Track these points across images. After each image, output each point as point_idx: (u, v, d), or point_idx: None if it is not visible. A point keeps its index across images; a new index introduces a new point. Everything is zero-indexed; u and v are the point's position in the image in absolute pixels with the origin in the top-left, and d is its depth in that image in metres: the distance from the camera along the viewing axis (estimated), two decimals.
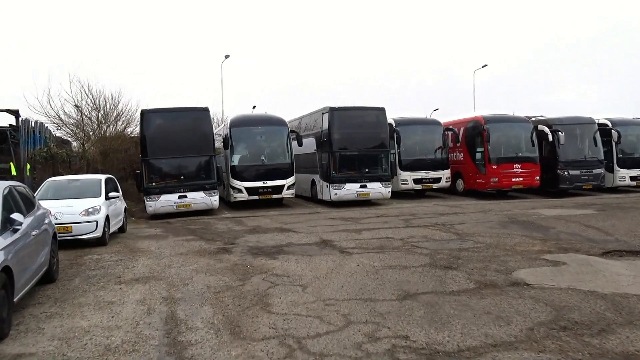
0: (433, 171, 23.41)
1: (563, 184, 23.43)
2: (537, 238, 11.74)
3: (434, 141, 23.99)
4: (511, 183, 22.82)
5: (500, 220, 14.97)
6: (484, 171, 22.73)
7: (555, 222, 14.31)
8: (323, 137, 21.19)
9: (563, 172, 23.26)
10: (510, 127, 23.58)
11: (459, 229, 13.35)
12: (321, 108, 21.87)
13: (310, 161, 22.61)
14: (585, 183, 23.59)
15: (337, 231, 13.66)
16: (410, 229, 13.73)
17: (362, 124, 21.61)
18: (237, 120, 21.38)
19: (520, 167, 22.80)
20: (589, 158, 23.81)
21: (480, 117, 23.42)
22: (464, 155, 24.21)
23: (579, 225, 13.59)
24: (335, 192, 20.53)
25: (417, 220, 15.44)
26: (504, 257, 9.63)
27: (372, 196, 21.09)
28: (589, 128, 24.24)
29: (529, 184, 23.01)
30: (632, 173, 24.73)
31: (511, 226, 13.71)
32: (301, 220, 16.44)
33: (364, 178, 20.92)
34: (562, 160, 23.27)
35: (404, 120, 24.27)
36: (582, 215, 15.65)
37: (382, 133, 21.45)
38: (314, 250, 11.03)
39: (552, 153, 23.53)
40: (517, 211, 17.27)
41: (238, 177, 20.10)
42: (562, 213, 16.50)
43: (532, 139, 23.10)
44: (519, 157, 22.98)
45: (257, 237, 12.98)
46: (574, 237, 11.89)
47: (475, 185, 23.43)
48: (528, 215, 16.18)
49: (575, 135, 23.96)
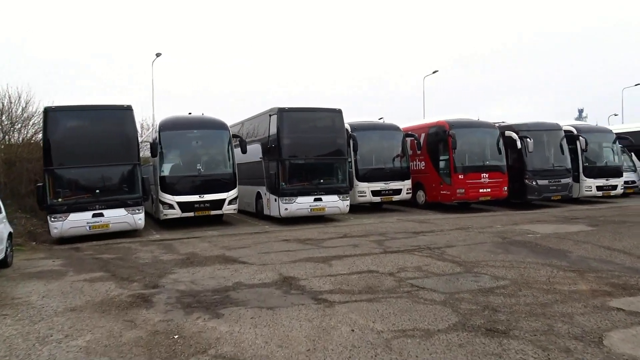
0: (393, 182, 20.19)
1: (531, 195, 20.79)
2: (566, 269, 8.65)
3: (393, 148, 20.77)
4: (478, 194, 19.95)
5: (495, 242, 11.87)
6: (449, 181, 19.75)
7: (562, 242, 11.35)
8: (271, 143, 17.57)
9: (531, 182, 20.62)
10: (476, 132, 20.70)
11: (455, 256, 10.11)
12: (268, 109, 18.25)
13: (256, 171, 18.88)
14: (553, 194, 21.04)
15: (299, 261, 10.08)
16: (391, 255, 10.35)
17: (316, 128, 18.16)
18: (168, 122, 17.34)
19: (487, 176, 19.95)
20: (557, 167, 21.27)
21: (444, 122, 20.44)
22: (426, 164, 21.15)
23: (597, 248, 10.67)
24: (285, 207, 16.93)
25: (393, 243, 12.12)
26: (557, 306, 6.38)
27: (327, 211, 17.58)
28: (555, 135, 21.75)
29: (496, 195, 20.21)
30: (598, 182, 22.43)
31: (515, 250, 10.62)
32: (248, 244, 12.73)
33: (318, 190, 17.38)
34: (530, 169, 20.60)
35: (361, 124, 20.96)
36: (582, 233, 12.83)
37: (339, 138, 18.04)
38: (276, 296, 7.38)
39: (519, 161, 20.83)
40: (501, 228, 14.31)
41: (169, 190, 16.08)
42: (557, 230, 13.62)
43: (499, 146, 20.33)
44: (486, 166, 20.07)
45: (191, 273, 9.13)
46: (608, 265, 8.90)
47: (439, 197, 20.40)
48: (519, 233, 13.19)
49: (543, 143, 21.39)
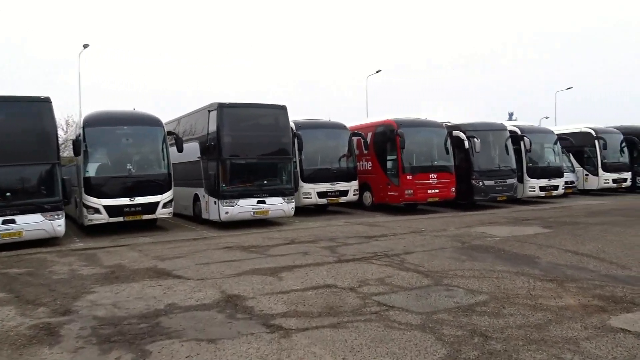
0: (340, 183, 19.02)
1: (478, 196, 20.20)
2: (542, 278, 7.67)
3: (339, 148, 19.58)
4: (427, 195, 19.10)
5: (455, 247, 10.88)
6: (397, 182, 18.81)
7: (525, 247, 10.44)
8: (210, 141, 16.00)
9: (478, 183, 20.03)
10: (424, 132, 19.86)
11: (417, 264, 8.96)
12: (207, 105, 16.61)
13: (193, 171, 17.23)
14: (499, 194, 20.52)
15: (244, 273, 8.64)
16: (347, 265, 9.11)
17: (258, 125, 16.71)
18: (94, 117, 15.28)
19: (436, 177, 19.14)
20: (503, 167, 20.76)
21: (392, 121, 19.47)
22: (373, 164, 20.13)
23: (563, 252, 9.84)
24: (226, 211, 15.40)
25: (347, 250, 10.91)
26: (555, 329, 5.34)
27: (272, 214, 16.16)
28: (501, 135, 21.24)
29: (445, 196, 19.44)
30: (541, 183, 22.16)
31: (480, 256, 9.62)
32: (185, 253, 11.15)
33: (262, 192, 15.94)
34: (477, 170, 20.04)
35: (306, 123, 19.67)
36: (541, 236, 12.08)
37: (284, 137, 16.70)
38: (218, 323, 5.93)
39: (466, 162, 20.24)
40: (456, 231, 13.42)
41: (94, 193, 14.13)
42: (513, 233, 12.82)
43: (446, 146, 19.60)
44: (434, 166, 19.27)
45: (115, 292, 7.52)
46: (583, 272, 8.01)
47: (387, 198, 19.43)
48: (476, 236, 12.29)
49: (489, 143, 20.82)
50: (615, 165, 25.73)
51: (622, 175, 25.88)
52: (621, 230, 12.61)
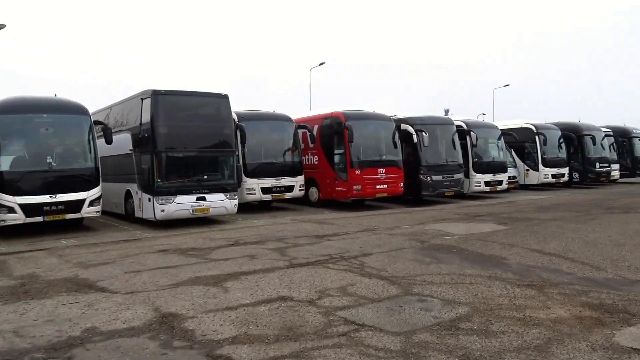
0: (285, 178, 17.83)
1: (426, 191, 19.54)
2: (519, 283, 6.80)
3: (285, 141, 18.39)
4: (375, 191, 18.25)
5: (415, 247, 9.95)
6: (345, 177, 17.82)
7: (488, 246, 9.66)
8: (143, 132, 14.36)
9: (426, 178, 19.41)
10: (373, 125, 18.95)
11: (379, 268, 7.91)
12: (140, 92, 14.97)
13: (125, 165, 15.49)
14: (447, 189, 19.95)
15: (182, 283, 7.30)
16: (302, 271, 7.95)
17: (198, 116, 15.20)
18: (7, 104, 13.15)
19: (384, 172, 18.36)
20: (450, 162, 20.21)
21: (340, 113, 18.45)
22: (320, 158, 19.05)
23: (529, 252, 9.07)
24: (161, 209, 13.85)
25: (298, 252, 9.75)
26: (559, 351, 4.42)
27: (213, 212, 14.75)
28: (448, 129, 20.69)
29: (393, 191, 18.66)
30: (486, 178, 21.81)
31: (444, 258, 8.70)
32: (113, 258, 9.64)
33: (202, 188, 14.45)
34: (425, 165, 19.41)
35: (249, 114, 18.32)
36: (500, 234, 11.36)
37: (226, 128, 15.26)
38: (150, 356, 4.63)
39: (413, 156, 19.59)
40: (411, 229, 12.55)
41: (8, 190, 12.14)
42: (470, 230, 12.10)
43: (395, 140, 18.84)
44: (383, 160, 18.45)
45: (20, 314, 6.01)
46: (559, 275, 7.20)
47: (334, 194, 18.42)
48: (433, 235, 11.47)
49: (436, 137, 20.19)
50: (554, 161, 25.90)
51: (560, 171, 26.10)
52: (577, 227, 12.14)
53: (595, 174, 27.47)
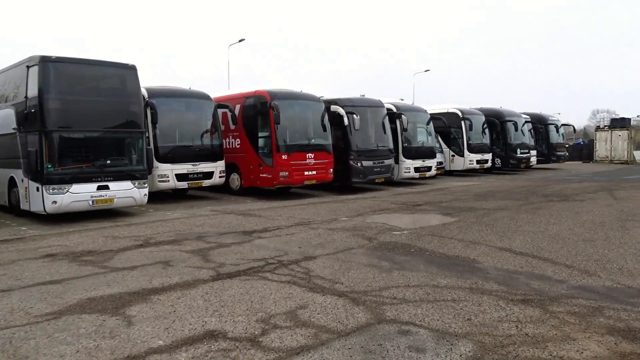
0: (203, 163, 15.60)
1: (356, 178, 18.11)
2: (511, 298, 5.34)
3: (203, 122, 16.04)
4: (304, 178, 16.51)
5: (364, 246, 8.29)
6: (271, 163, 15.94)
7: (446, 244, 8.24)
8: (29, 108, 11.57)
9: (356, 164, 18.00)
10: (301, 105, 17.13)
11: (332, 279, 6.19)
12: (26, 59, 12.22)
13: (8, 148, 12.57)
14: (378, 176, 18.63)
15: (66, 312, 5.14)
16: (232, 285, 6.03)
17: (98, 89, 12.61)
18: None
19: (313, 157, 16.69)
20: (381, 147, 18.93)
21: (265, 92, 16.44)
22: (242, 141, 16.97)
23: (497, 251, 7.68)
24: (53, 200, 11.26)
25: (225, 255, 7.72)
26: None
27: (118, 203, 12.32)
28: (379, 112, 19.31)
29: (322, 178, 17.02)
30: (415, 164, 20.79)
31: (406, 262, 7.12)
32: None
33: (104, 175, 12.00)
34: (355, 150, 17.98)
35: (161, 90, 15.80)
36: (453, 228, 9.93)
37: (133, 104, 12.76)
38: None
39: (343, 140, 18.09)
40: (350, 222, 10.91)
41: None
42: (417, 223, 10.64)
43: (324, 123, 17.19)
44: (311, 145, 16.75)
45: None
46: (551, 284, 5.82)
47: (259, 181, 16.46)
48: (379, 229, 9.87)
49: (367, 120, 18.81)
50: (479, 147, 25.41)
51: (484, 157, 25.70)
52: (530, 218, 11.07)
53: (517, 160, 27.43)
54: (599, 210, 12.14)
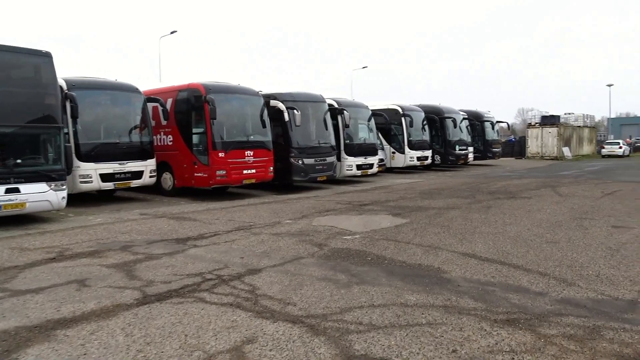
0: (132, 162, 14.00)
1: (297, 176, 17.15)
2: (495, 318, 4.58)
3: (131, 116, 14.51)
4: (242, 177, 15.37)
5: (314, 254, 7.30)
6: (207, 161, 14.65)
7: (405, 250, 7.47)
8: None
9: (297, 162, 17.06)
10: (238, 100, 15.88)
11: (282, 298, 5.20)
12: None
13: None
14: (320, 174, 17.75)
15: None
16: (162, 310, 4.91)
17: (8, 79, 10.90)
18: None
19: (252, 155, 15.62)
20: (323, 144, 18.10)
21: (199, 85, 15.10)
22: (175, 138, 15.51)
23: (462, 257, 6.96)
24: None
25: (153, 270, 6.54)
26: None
27: (31, 208, 10.63)
28: (321, 107, 18.45)
29: (262, 177, 15.94)
30: (358, 161, 20.10)
31: (362, 273, 6.23)
32: None
33: (14, 176, 10.28)
34: (296, 147, 17.05)
35: (82, 81, 14.08)
36: (408, 231, 9.16)
37: (49, 96, 11.11)
38: None
39: (283, 137, 17.09)
40: (295, 225, 9.87)
41: None
42: (369, 226, 9.73)
43: (263, 118, 16.16)
44: (251, 141, 15.65)
45: None
46: (530, 298, 5.10)
47: (193, 180, 15.11)
48: (329, 234, 8.89)
49: (308, 116, 17.92)
50: (419, 143, 25.11)
51: (424, 153, 25.43)
52: (484, 218, 10.48)
53: (455, 157, 27.42)
54: (550, 208, 11.82)
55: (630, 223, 9.74)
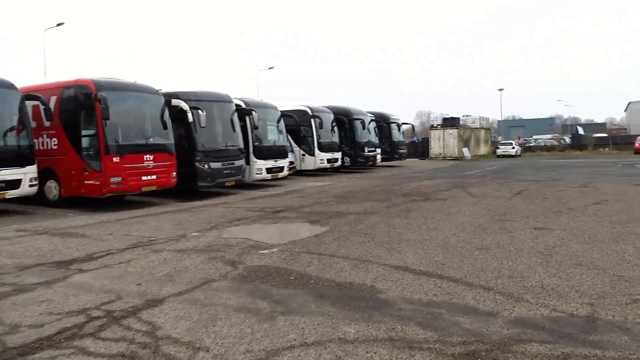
0: (6, 169, 11.90)
1: (203, 182, 15.75)
2: (452, 352, 3.73)
3: (4, 116, 12.38)
4: (141, 184, 13.73)
5: (227, 276, 6.13)
6: (99, 167, 12.81)
7: (329, 265, 6.56)
8: None
9: (203, 166, 15.69)
10: (135, 98, 14.16)
11: (190, 343, 4.05)
12: None
13: None
14: (228, 179, 16.52)
15: None
16: None
17: None
18: None
19: (152, 159, 14.05)
20: (230, 147, 16.87)
21: (88, 81, 13.19)
22: (61, 141, 13.42)
23: (394, 272, 6.14)
24: None
25: (22, 309, 5.06)
26: None
27: None
28: (228, 107, 17.17)
29: (164, 183, 14.35)
30: (267, 164, 19.05)
31: (286, 298, 5.22)
32: None
33: None
34: (201, 150, 15.67)
35: None
36: (329, 240, 8.26)
37: None
38: None
39: (187, 139, 15.62)
40: (203, 238, 8.58)
41: None
42: (286, 236, 8.70)
43: (164, 119, 14.62)
44: (150, 144, 14.02)
45: None
46: (486, 321, 4.35)
47: (83, 189, 13.10)
48: (242, 247, 7.76)
49: (214, 116, 16.56)
50: (329, 145, 24.54)
51: (334, 155, 24.88)
52: (406, 223, 9.82)
53: (365, 158, 27.19)
54: (468, 210, 11.48)
55: (549, 224, 9.55)
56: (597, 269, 6.20)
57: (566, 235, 8.31)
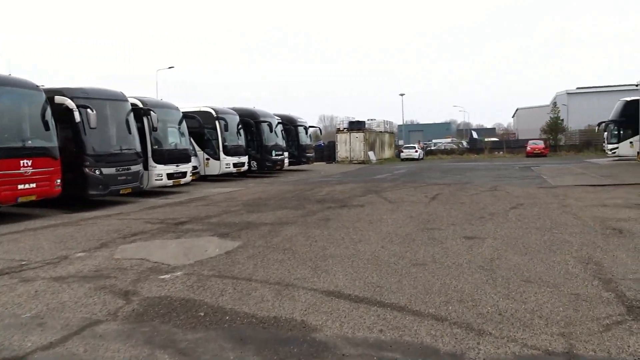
0: None
1: (94, 190, 13.86)
2: None
3: None
4: (17, 194, 11.68)
5: (117, 312, 4.77)
6: None
7: (247, 295, 5.39)
8: None
9: (93, 172, 13.82)
10: (8, 95, 11.97)
11: None
12: None
13: None
14: (123, 186, 14.71)
15: None
16: None
17: None
18: None
19: (31, 165, 12.10)
20: (125, 150, 15.08)
21: None
22: None
23: (330, 300, 5.13)
24: None
25: None
26: None
27: None
28: (122, 107, 15.34)
29: (45, 192, 12.40)
30: (168, 170, 17.40)
31: (196, 345, 3.99)
32: None
33: None
34: (91, 154, 13.80)
35: None
36: (242, 259, 7.07)
37: None
38: None
39: (74, 142, 13.65)
40: (90, 260, 7.10)
41: None
42: (192, 255, 7.37)
43: (45, 119, 12.64)
44: (27, 148, 12.02)
45: None
46: None
47: None
48: (138, 272, 6.41)
49: (106, 116, 14.69)
50: (234, 149, 23.18)
51: (241, 159, 23.55)
52: (327, 235, 8.81)
53: (272, 162, 26.11)
54: (390, 218, 10.76)
55: (477, 232, 9.02)
56: (549, 286, 5.60)
57: (500, 245, 7.79)
